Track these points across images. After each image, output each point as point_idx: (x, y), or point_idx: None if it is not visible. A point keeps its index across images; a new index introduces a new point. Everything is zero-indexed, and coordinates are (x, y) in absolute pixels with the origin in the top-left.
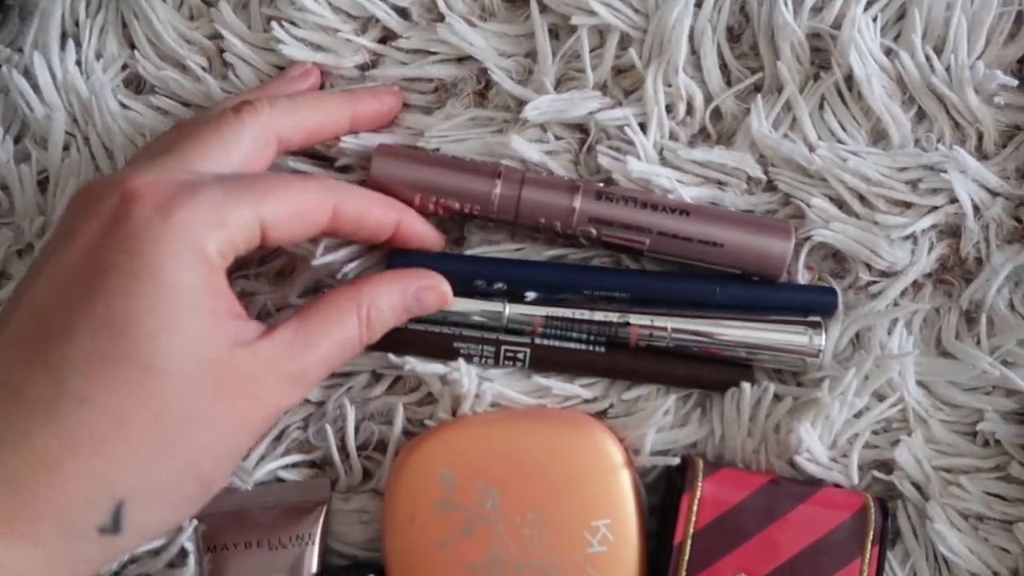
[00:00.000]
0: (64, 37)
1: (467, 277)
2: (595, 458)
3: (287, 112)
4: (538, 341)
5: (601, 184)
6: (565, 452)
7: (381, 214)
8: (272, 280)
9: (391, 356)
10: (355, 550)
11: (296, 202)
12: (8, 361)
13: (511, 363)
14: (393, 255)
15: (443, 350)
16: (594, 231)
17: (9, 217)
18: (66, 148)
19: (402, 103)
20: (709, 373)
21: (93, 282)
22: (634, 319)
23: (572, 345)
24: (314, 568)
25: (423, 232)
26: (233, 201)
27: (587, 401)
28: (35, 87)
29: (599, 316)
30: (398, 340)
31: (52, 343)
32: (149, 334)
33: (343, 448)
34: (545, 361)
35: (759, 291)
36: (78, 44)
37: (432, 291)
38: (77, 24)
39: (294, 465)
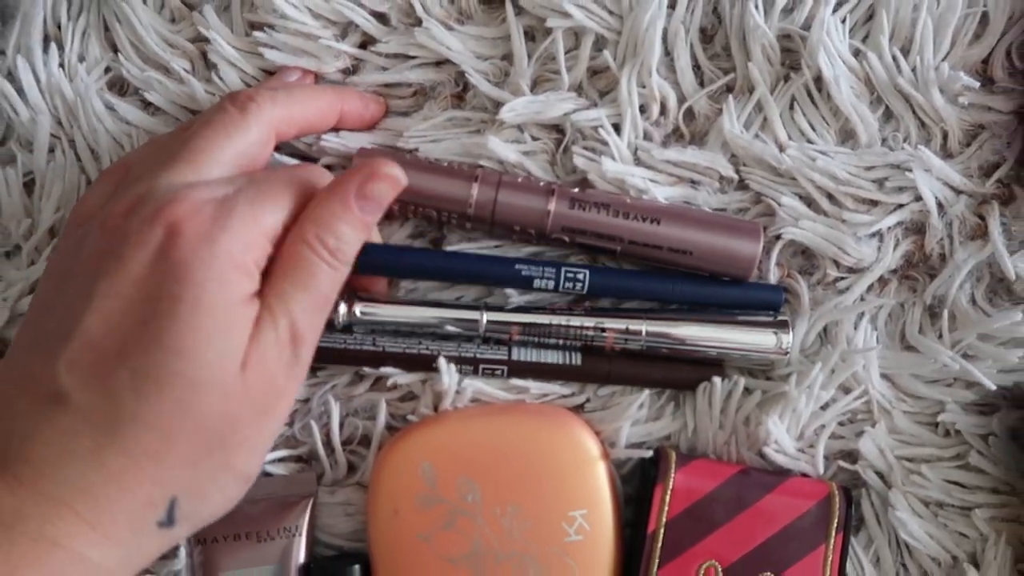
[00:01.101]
0: (46, 40)
1: (426, 271)
2: (572, 451)
3: (285, 106)
4: (515, 353)
5: (576, 189)
6: (543, 445)
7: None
8: None
9: (368, 369)
10: (341, 541)
11: (299, 193)
12: (72, 387)
13: (490, 375)
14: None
15: (423, 366)
16: (567, 238)
17: None
18: (51, 150)
19: (385, 110)
20: (682, 373)
21: (144, 308)
22: (610, 324)
23: (549, 355)
24: (302, 559)
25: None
26: (263, 215)
27: (564, 396)
28: (19, 90)
29: (576, 322)
30: (379, 357)
31: (108, 370)
32: (192, 352)
33: (328, 443)
34: (522, 372)
35: (711, 289)
36: (60, 47)
37: (378, 180)
38: (59, 27)
39: (281, 460)
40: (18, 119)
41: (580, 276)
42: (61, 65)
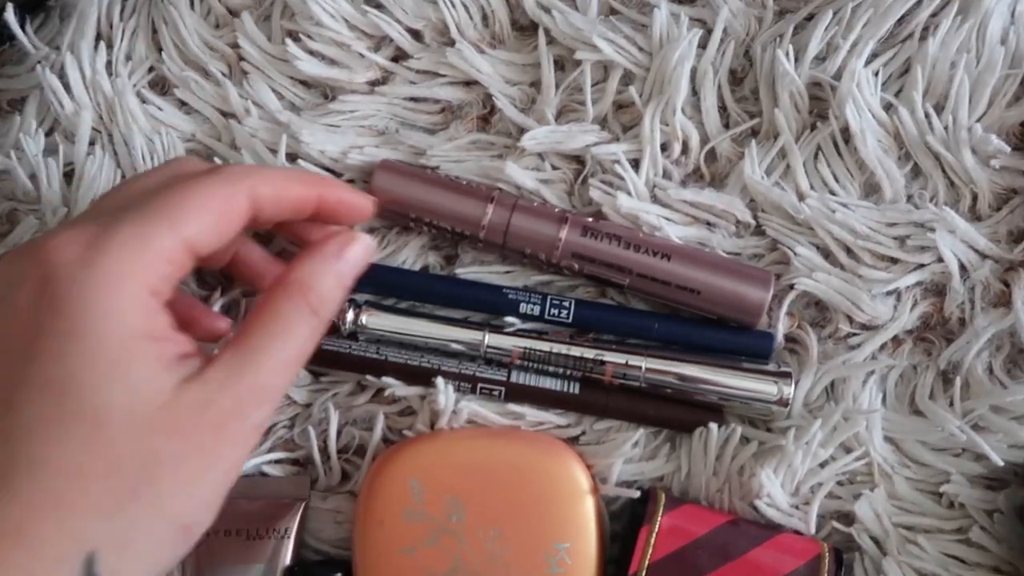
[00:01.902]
0: (99, 38)
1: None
2: (562, 482)
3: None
4: (514, 376)
5: (590, 219)
6: (533, 473)
7: (300, 190)
8: None
9: (370, 377)
10: (328, 547)
11: (213, 207)
12: None
13: (487, 395)
14: None
15: (423, 379)
16: (576, 265)
17: (35, 205)
18: (92, 143)
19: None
20: (680, 414)
21: (28, 349)
22: (609, 357)
23: (548, 381)
24: (288, 561)
25: (350, 201)
26: (151, 234)
27: (560, 427)
28: (66, 85)
29: (576, 351)
30: (380, 366)
31: None
32: (90, 389)
33: (325, 450)
34: (520, 395)
35: (697, 331)
36: (110, 46)
37: (351, 245)
38: (111, 26)
39: (278, 462)
40: (63, 112)
41: (566, 304)
42: (109, 62)
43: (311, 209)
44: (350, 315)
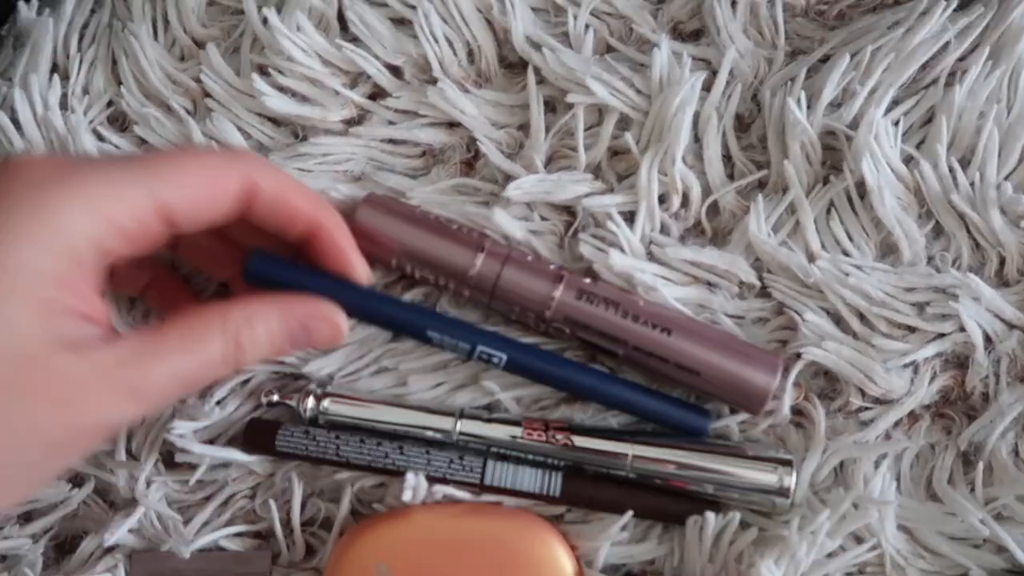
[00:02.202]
0: (54, 69)
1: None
2: (544, 566)
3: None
4: (488, 473)
5: (587, 280)
6: (513, 556)
7: (302, 203)
8: None
9: (337, 477)
10: None
11: (198, 175)
12: None
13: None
14: (252, 256)
15: (390, 474)
16: (567, 330)
17: None
18: None
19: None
20: (672, 506)
21: None
22: (593, 445)
23: (526, 476)
24: None
25: (343, 253)
26: (121, 181)
27: (542, 503)
28: (15, 122)
29: (558, 438)
30: (342, 465)
31: None
32: None
33: (288, 523)
34: (496, 491)
35: (633, 394)
36: (65, 77)
37: (324, 322)
38: (68, 56)
39: (238, 535)
40: (12, 150)
41: (496, 360)
42: (64, 95)
43: (300, 231)
44: (310, 402)
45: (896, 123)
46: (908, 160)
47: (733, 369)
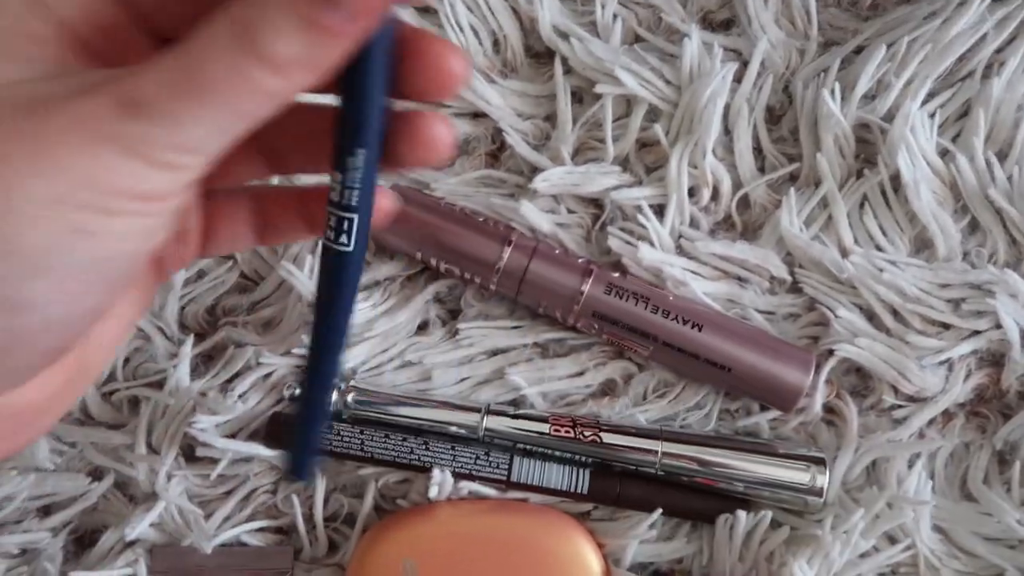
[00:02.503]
0: None
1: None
2: (570, 564)
3: None
4: (515, 469)
5: (616, 275)
6: (539, 554)
7: None
8: (260, 329)
9: (361, 472)
10: None
11: None
12: None
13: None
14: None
15: (415, 470)
16: (596, 326)
17: None
18: None
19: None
20: (701, 504)
21: None
22: (622, 442)
23: (553, 472)
24: None
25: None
26: None
27: (569, 500)
28: None
29: (587, 434)
30: (366, 461)
31: None
32: None
33: (310, 518)
34: (522, 488)
35: None
36: None
37: None
38: None
39: (259, 530)
40: None
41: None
42: None
43: None
44: (334, 396)
45: (932, 116)
46: (944, 153)
47: (765, 366)
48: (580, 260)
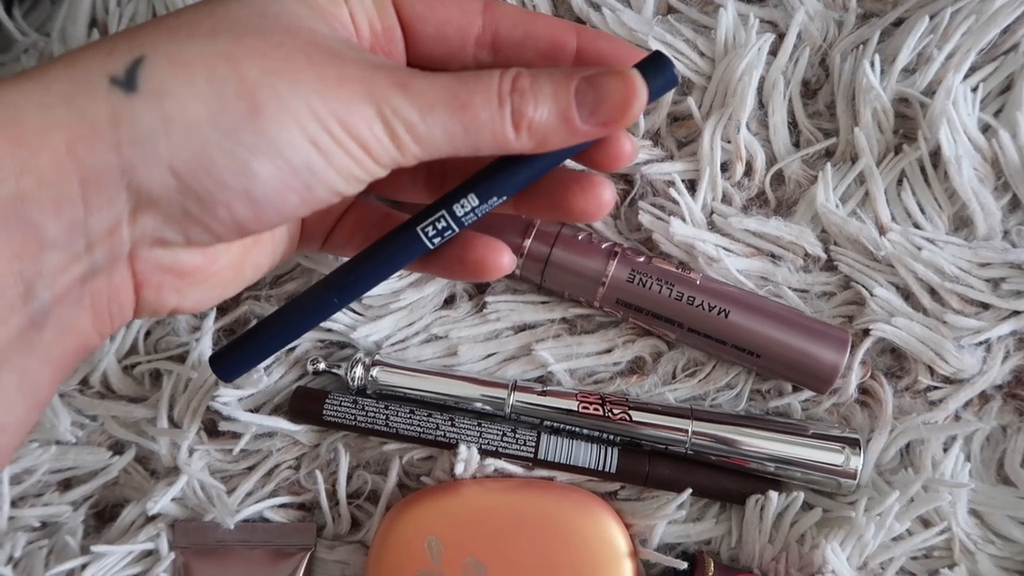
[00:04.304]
0: (93, 24)
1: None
2: (597, 544)
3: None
4: (543, 446)
5: (641, 258)
6: (565, 534)
7: (551, 23)
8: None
9: (385, 448)
10: None
11: None
12: None
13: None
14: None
15: (440, 446)
16: (620, 313)
17: None
18: None
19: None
20: (731, 484)
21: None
22: (650, 419)
23: (581, 450)
24: None
25: (619, 45)
26: None
27: (595, 480)
28: None
29: (616, 412)
30: (391, 436)
31: None
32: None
33: (333, 495)
34: (549, 466)
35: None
36: (104, 33)
37: (617, 78)
38: (107, 11)
39: (282, 506)
40: None
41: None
42: None
43: (567, 55)
44: (359, 370)
45: (974, 90)
46: (985, 129)
47: (798, 347)
48: (605, 245)
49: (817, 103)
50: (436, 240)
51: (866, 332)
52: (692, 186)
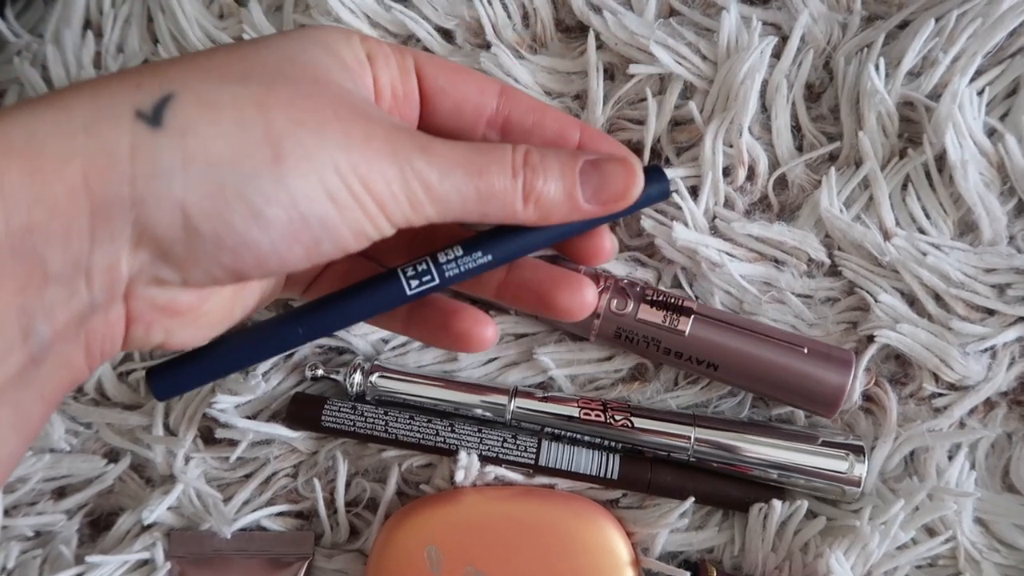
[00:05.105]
0: (87, 26)
1: None
2: (599, 553)
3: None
4: (544, 453)
5: (627, 309)
6: (567, 542)
7: (559, 117)
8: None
9: (384, 455)
10: None
11: (453, 64)
12: None
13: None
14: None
15: (440, 452)
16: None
17: None
18: None
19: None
20: (734, 492)
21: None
22: (652, 426)
23: (582, 457)
24: None
25: (614, 145)
26: (395, 47)
27: (597, 488)
28: (48, 81)
29: (618, 418)
30: (391, 443)
31: None
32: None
33: (331, 503)
34: (550, 473)
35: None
36: (99, 35)
37: (619, 165)
38: (101, 13)
39: (279, 514)
40: None
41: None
42: (98, 54)
43: (549, 136)
44: (358, 376)
45: (980, 93)
46: (991, 133)
47: (798, 379)
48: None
49: (821, 107)
50: (415, 285)
51: (870, 338)
52: (694, 191)
